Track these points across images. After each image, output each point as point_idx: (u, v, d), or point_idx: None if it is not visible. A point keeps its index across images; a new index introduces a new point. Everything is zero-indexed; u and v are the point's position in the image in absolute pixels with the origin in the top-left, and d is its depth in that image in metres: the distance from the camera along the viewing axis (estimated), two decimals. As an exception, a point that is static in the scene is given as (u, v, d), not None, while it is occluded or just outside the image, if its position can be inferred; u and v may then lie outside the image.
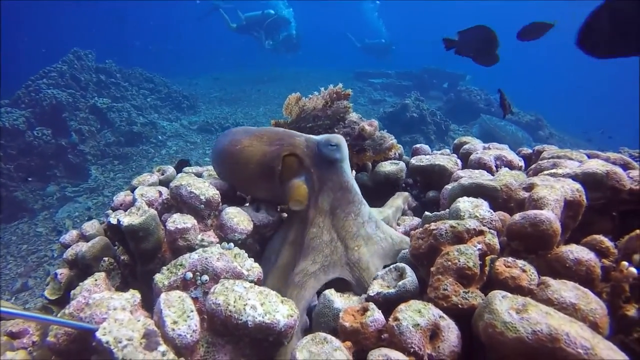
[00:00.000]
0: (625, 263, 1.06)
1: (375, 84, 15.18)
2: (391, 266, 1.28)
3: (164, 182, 1.97)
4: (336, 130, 2.05)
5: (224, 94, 14.48)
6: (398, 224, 1.86)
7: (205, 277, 1.23)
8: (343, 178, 1.56)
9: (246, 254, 1.39)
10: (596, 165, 1.43)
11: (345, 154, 1.57)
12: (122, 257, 1.61)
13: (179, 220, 1.47)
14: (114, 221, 1.48)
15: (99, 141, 8.33)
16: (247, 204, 1.75)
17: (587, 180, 1.39)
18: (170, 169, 2.07)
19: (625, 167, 1.56)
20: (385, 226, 1.65)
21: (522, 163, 1.96)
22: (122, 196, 1.84)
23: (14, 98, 7.99)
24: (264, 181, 1.61)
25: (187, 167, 2.19)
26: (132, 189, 1.88)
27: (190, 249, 1.43)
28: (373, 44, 18.63)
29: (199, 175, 2.07)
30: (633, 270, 1.03)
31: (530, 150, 2.19)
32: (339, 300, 1.28)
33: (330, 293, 1.30)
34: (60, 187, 7.45)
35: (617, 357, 0.82)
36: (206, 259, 1.25)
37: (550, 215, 1.13)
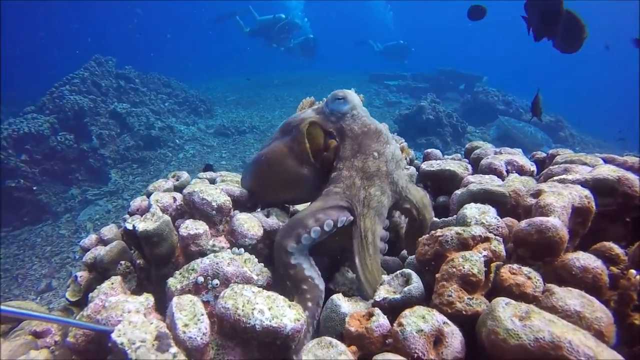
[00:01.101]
0: (633, 271, 1.05)
1: (391, 86, 15.15)
2: (397, 272, 1.30)
3: (179, 188, 2.02)
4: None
5: (240, 97, 14.66)
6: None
7: (216, 282, 1.27)
8: (361, 123, 1.61)
9: (256, 259, 1.43)
10: (607, 171, 1.41)
11: (356, 102, 1.63)
12: (138, 261, 1.67)
13: (192, 226, 1.51)
14: (129, 227, 1.54)
15: (118, 145, 8.57)
16: (259, 210, 1.79)
17: (597, 186, 1.38)
18: (185, 175, 2.12)
19: (642, 171, 1.53)
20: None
21: (533, 168, 1.94)
22: (138, 201, 1.90)
23: (39, 104, 8.31)
24: (305, 167, 1.64)
25: (201, 173, 2.24)
26: (148, 195, 1.93)
27: (202, 254, 1.48)
28: (391, 46, 18.37)
29: (212, 180, 2.12)
30: (641, 278, 1.02)
31: (544, 154, 2.16)
32: (346, 304, 1.30)
33: (338, 298, 1.32)
34: (81, 190, 7.69)
35: (621, 366, 0.82)
36: (217, 263, 1.29)
37: (557, 222, 1.13)
